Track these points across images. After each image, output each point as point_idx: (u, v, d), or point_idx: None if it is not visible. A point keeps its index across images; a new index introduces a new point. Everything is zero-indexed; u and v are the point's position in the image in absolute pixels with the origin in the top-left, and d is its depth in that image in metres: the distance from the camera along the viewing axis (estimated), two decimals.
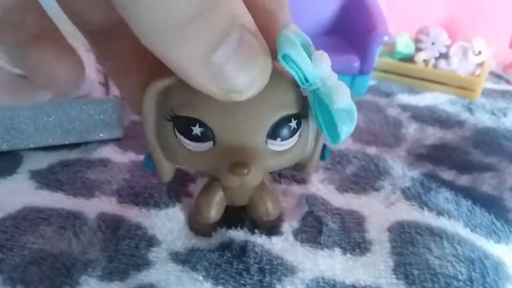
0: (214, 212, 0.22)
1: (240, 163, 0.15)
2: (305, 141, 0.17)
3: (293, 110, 0.16)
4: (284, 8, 0.16)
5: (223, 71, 0.11)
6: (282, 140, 0.16)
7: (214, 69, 0.11)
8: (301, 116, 0.16)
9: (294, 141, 0.17)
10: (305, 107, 0.16)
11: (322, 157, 0.19)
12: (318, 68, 0.14)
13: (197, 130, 0.15)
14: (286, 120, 0.16)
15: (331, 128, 0.15)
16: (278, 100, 0.15)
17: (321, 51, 0.14)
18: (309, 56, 0.14)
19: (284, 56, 0.13)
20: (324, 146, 0.19)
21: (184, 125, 0.16)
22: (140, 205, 0.25)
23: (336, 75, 0.15)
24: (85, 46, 0.26)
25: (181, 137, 0.16)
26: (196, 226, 0.23)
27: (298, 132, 0.16)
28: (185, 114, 0.15)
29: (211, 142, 0.16)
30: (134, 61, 0.16)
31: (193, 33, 0.10)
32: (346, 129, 0.14)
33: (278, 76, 0.14)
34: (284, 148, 0.16)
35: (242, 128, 0.15)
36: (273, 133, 0.15)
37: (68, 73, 0.14)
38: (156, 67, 0.16)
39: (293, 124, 0.16)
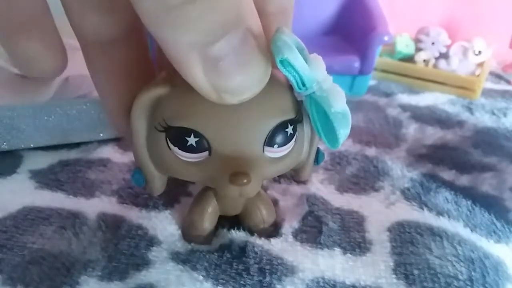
0: (207, 223, 0.21)
1: (240, 173, 0.14)
2: (300, 146, 0.17)
3: (289, 116, 0.15)
4: (288, 16, 0.16)
5: (218, 67, 0.11)
6: (279, 146, 0.16)
7: (210, 62, 0.11)
8: (296, 121, 0.16)
9: (291, 147, 0.16)
10: (300, 111, 0.16)
11: (316, 161, 0.19)
12: (315, 72, 0.14)
13: (192, 140, 0.15)
14: (283, 126, 0.15)
15: (329, 132, 0.15)
16: (274, 106, 0.15)
17: (315, 54, 0.14)
18: (304, 59, 0.13)
19: (282, 61, 0.13)
20: (318, 150, 0.19)
21: (178, 136, 0.15)
22: (140, 206, 0.25)
23: (331, 78, 0.14)
24: None
25: (175, 148, 0.15)
26: (190, 238, 0.22)
27: (294, 138, 0.16)
28: (178, 124, 0.15)
29: (207, 152, 0.15)
30: (126, 72, 0.15)
31: (194, 16, 0.10)
32: (343, 132, 0.14)
33: (272, 81, 0.14)
34: (281, 154, 0.16)
35: (239, 137, 0.15)
36: (270, 140, 0.15)
37: (51, 64, 0.14)
38: (149, 77, 0.16)
39: (290, 129, 0.15)
